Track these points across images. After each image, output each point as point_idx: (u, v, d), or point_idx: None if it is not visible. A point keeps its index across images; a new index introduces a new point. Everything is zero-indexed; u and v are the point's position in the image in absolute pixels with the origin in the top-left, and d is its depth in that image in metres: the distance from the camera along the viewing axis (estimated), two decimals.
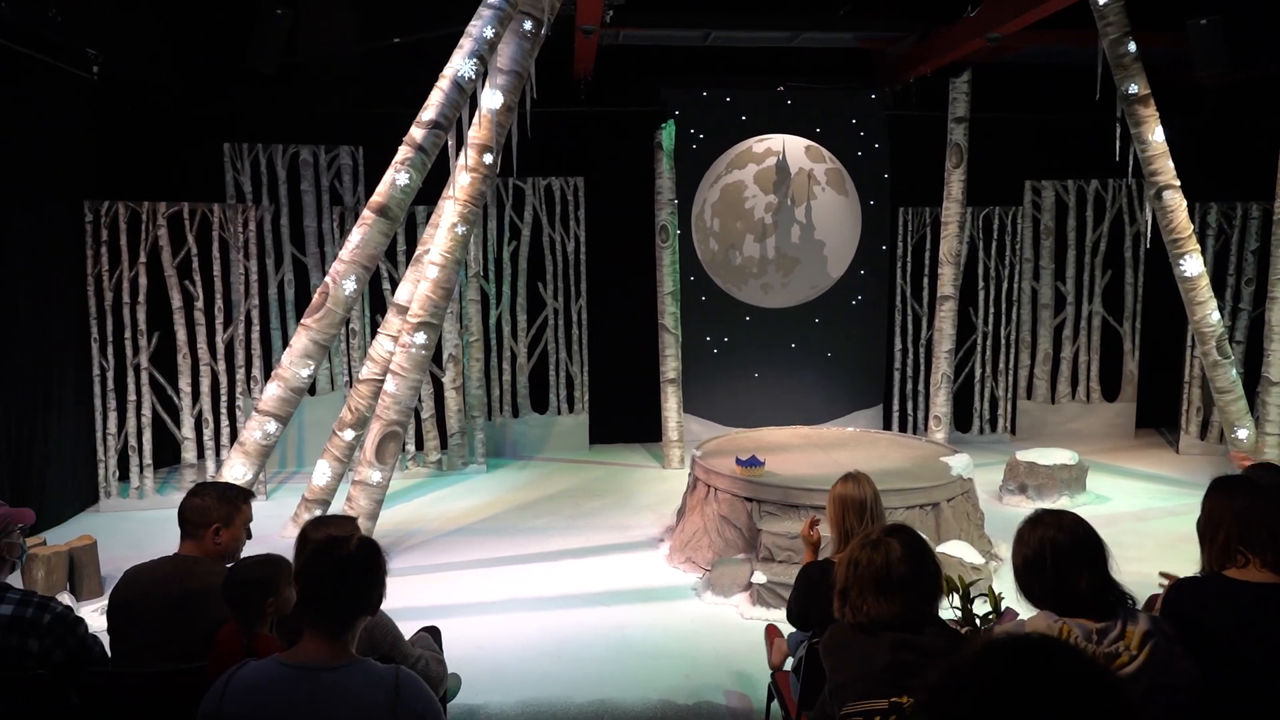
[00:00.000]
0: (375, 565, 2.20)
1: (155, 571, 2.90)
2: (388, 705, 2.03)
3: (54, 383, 6.92)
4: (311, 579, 2.14)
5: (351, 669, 2.08)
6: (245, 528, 3.06)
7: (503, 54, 5.95)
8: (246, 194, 8.24)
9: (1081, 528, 2.32)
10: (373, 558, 2.19)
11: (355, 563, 2.15)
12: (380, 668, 2.11)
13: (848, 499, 3.43)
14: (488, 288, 8.99)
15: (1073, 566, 2.25)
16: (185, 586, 2.83)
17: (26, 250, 6.64)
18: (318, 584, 2.13)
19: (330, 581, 2.12)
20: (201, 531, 2.95)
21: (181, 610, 2.79)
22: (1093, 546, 2.29)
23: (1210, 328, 7.21)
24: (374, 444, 5.91)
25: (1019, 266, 9.76)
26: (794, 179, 9.59)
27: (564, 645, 4.88)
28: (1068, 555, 2.26)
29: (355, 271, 5.62)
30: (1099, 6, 6.83)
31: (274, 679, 2.05)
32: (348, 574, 2.14)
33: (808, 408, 9.63)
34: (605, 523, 7.07)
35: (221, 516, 2.97)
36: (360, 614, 2.16)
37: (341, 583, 2.12)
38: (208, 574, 2.85)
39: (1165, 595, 2.54)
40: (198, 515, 2.96)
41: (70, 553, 5.44)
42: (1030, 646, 1.21)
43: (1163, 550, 6.28)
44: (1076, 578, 2.25)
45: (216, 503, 2.98)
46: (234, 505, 3.01)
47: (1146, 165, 7.06)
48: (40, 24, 6.09)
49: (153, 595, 2.83)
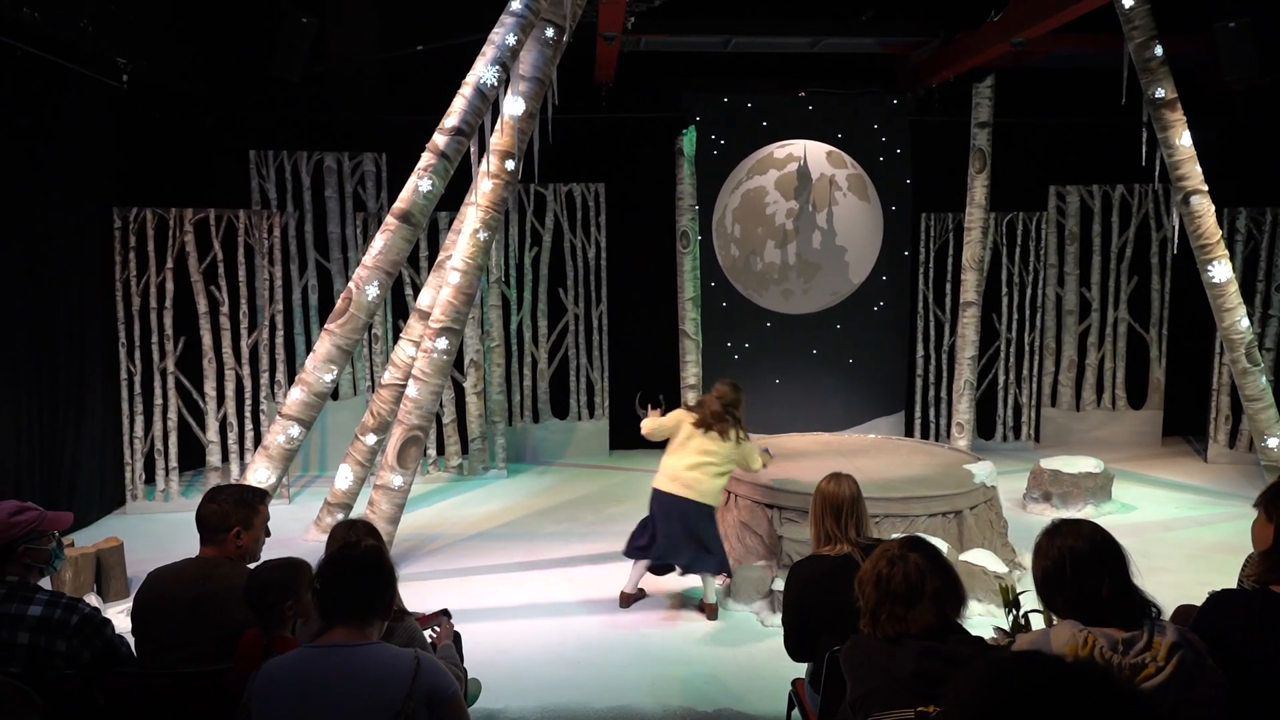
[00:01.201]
0: (385, 566, 2.41)
1: (178, 573, 2.94)
2: (408, 676, 2.16)
3: (83, 386, 7.03)
4: (333, 577, 2.33)
5: (375, 646, 2.25)
6: (264, 528, 3.09)
7: (525, 61, 5.98)
8: (271, 200, 8.34)
9: (1100, 535, 2.30)
10: (380, 559, 2.41)
11: (369, 563, 2.36)
12: (401, 649, 2.26)
13: (826, 497, 3.47)
14: (509, 293, 9.03)
15: (1093, 574, 2.23)
16: (208, 588, 2.86)
17: (58, 256, 6.75)
18: (341, 581, 2.32)
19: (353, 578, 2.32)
20: (221, 536, 2.98)
21: (203, 611, 2.82)
22: (1112, 553, 2.26)
23: (1239, 334, 7.11)
24: (395, 448, 5.94)
25: (1043, 272, 9.67)
26: (815, 185, 9.57)
27: (584, 651, 4.88)
28: (1087, 563, 2.24)
29: (378, 277, 5.66)
30: (1125, 10, 6.77)
31: (301, 658, 2.23)
32: (366, 572, 2.34)
33: (829, 414, 9.58)
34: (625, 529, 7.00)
35: (240, 520, 3.00)
36: (380, 609, 2.33)
37: (362, 579, 2.32)
38: (229, 575, 2.89)
39: (1203, 605, 2.49)
40: (217, 520, 2.99)
41: (97, 554, 5.51)
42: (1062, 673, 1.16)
43: (1191, 560, 6.18)
44: (1098, 585, 2.22)
45: (234, 507, 3.01)
46: (251, 508, 3.04)
47: (1174, 170, 6.98)
48: (72, 34, 6.20)
49: (175, 596, 2.87)
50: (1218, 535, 6.76)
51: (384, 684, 2.14)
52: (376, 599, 2.31)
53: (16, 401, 6.28)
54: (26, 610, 2.73)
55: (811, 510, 3.53)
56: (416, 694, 2.14)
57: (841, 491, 3.47)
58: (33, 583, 2.85)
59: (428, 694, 2.17)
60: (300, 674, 2.16)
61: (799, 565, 3.42)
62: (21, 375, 6.34)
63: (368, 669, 2.16)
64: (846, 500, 3.45)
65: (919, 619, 2.40)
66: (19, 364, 6.32)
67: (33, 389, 6.44)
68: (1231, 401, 8.85)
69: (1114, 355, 9.72)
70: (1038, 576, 2.34)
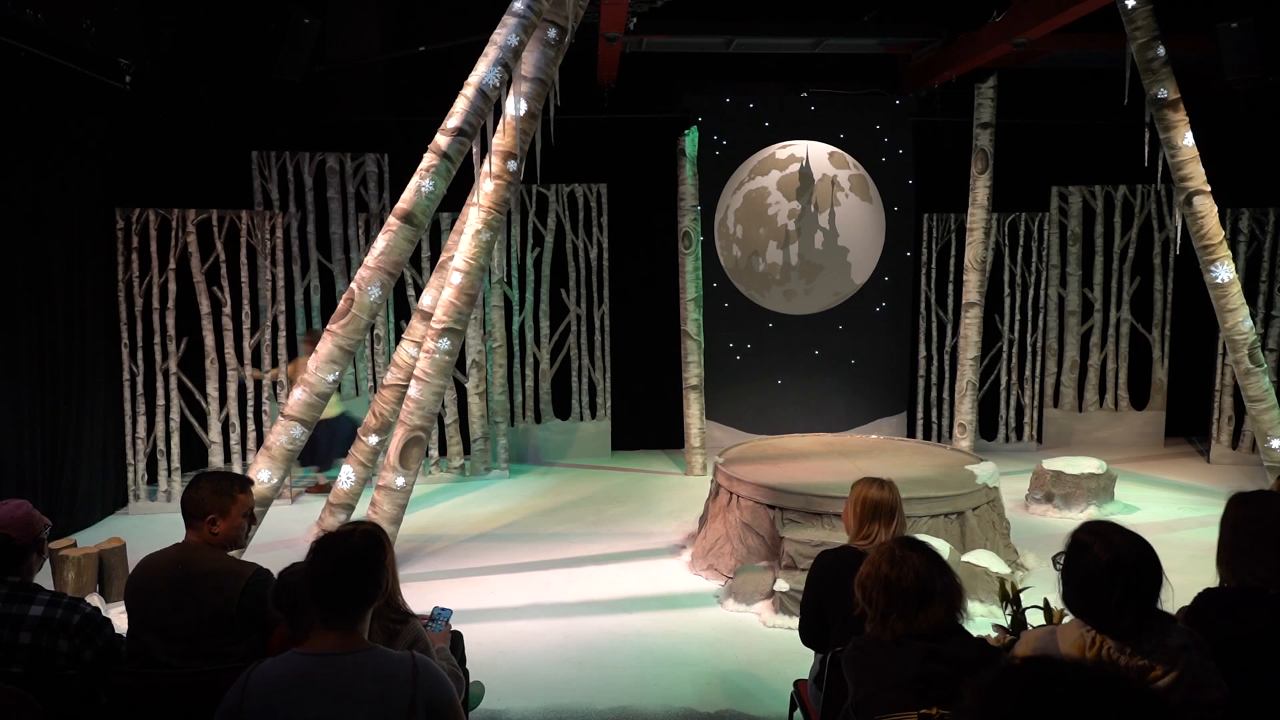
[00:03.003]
0: (378, 555, 2.25)
1: (162, 558, 2.99)
2: (409, 683, 2.10)
3: (86, 387, 7.03)
4: (318, 576, 2.19)
5: (371, 653, 2.15)
6: (244, 516, 3.09)
7: (527, 61, 5.98)
8: (274, 201, 8.34)
9: (1142, 547, 2.22)
10: (374, 548, 2.25)
11: (358, 556, 2.21)
12: (395, 653, 2.18)
13: (881, 504, 3.41)
14: (511, 294, 9.03)
15: (1128, 587, 2.16)
16: (185, 572, 2.91)
17: (61, 256, 6.76)
18: (325, 580, 2.18)
19: (337, 575, 2.18)
20: (199, 522, 3.01)
21: (181, 594, 2.87)
22: (1153, 570, 2.20)
23: (1242, 335, 7.09)
24: (398, 449, 5.94)
25: (1045, 273, 9.66)
26: (817, 185, 9.56)
27: (586, 652, 4.88)
28: (1127, 574, 2.17)
29: (380, 278, 5.66)
30: (1127, 10, 6.75)
31: (295, 669, 2.10)
32: (351, 567, 2.19)
33: (831, 415, 9.58)
34: (627, 529, 7.07)
35: (216, 508, 3.01)
36: (368, 603, 2.21)
37: (347, 576, 2.18)
38: (207, 560, 2.94)
39: (1193, 603, 2.48)
40: (193, 507, 3.02)
41: (100, 555, 5.51)
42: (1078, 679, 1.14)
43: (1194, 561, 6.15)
44: (1128, 599, 2.16)
45: (210, 495, 3.03)
46: (229, 496, 3.04)
47: (1176, 170, 6.97)
48: (75, 35, 6.21)
49: (158, 579, 2.92)
50: None
51: (386, 696, 2.07)
52: (363, 597, 2.19)
53: (19, 402, 6.28)
54: (28, 610, 2.74)
55: (856, 514, 3.45)
56: (419, 703, 2.08)
57: (885, 496, 3.42)
58: (34, 583, 2.86)
59: (428, 702, 2.11)
60: (296, 685, 2.06)
61: (826, 554, 3.40)
62: (24, 375, 6.34)
63: (366, 679, 2.08)
64: (889, 505, 3.41)
65: (931, 617, 2.39)
66: (22, 364, 6.32)
67: (35, 389, 6.45)
68: (1234, 402, 8.83)
69: (1116, 356, 9.71)
70: (1068, 574, 2.25)
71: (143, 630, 2.89)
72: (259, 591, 2.90)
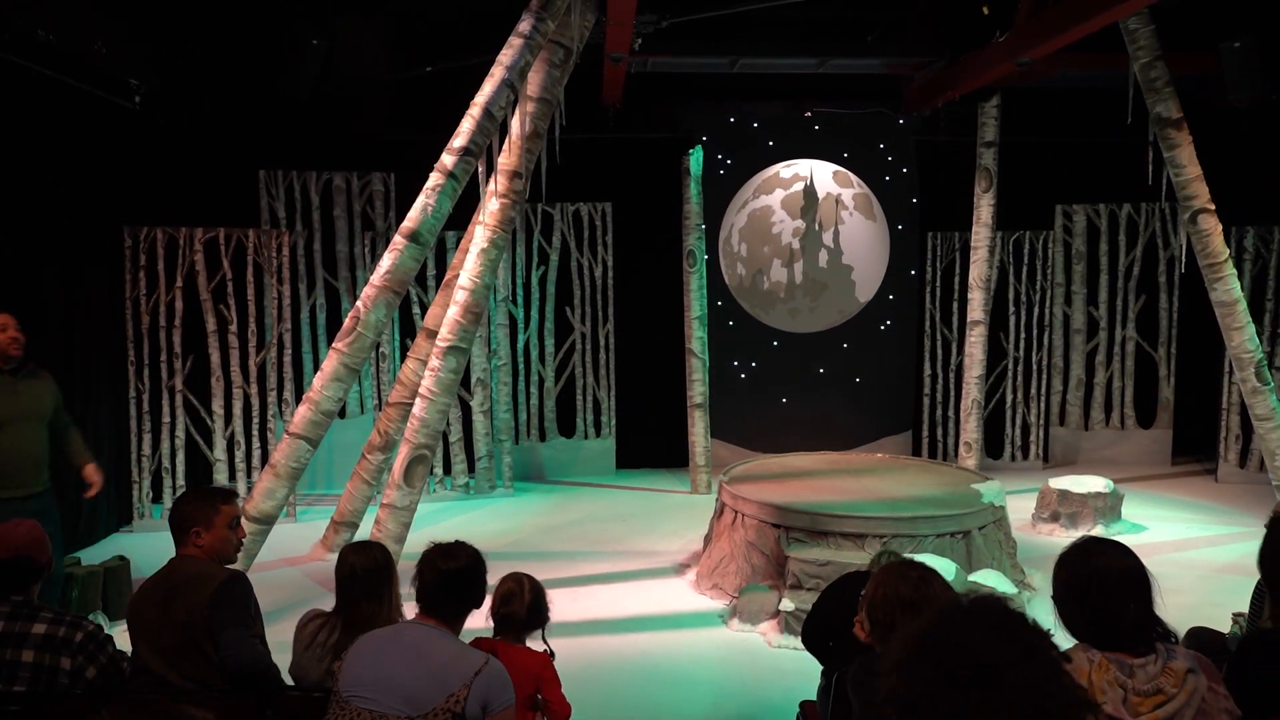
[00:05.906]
0: (481, 573, 2.75)
1: (155, 575, 3.04)
2: (470, 671, 2.41)
3: (91, 403, 7.05)
4: (429, 585, 2.64)
5: (451, 638, 2.56)
6: (229, 527, 3.09)
7: (532, 81, 6.03)
8: (280, 219, 8.39)
9: (1130, 559, 2.24)
10: (477, 566, 2.74)
11: (466, 573, 2.67)
12: (477, 651, 2.54)
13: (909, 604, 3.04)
14: (516, 312, 9.05)
15: (1120, 599, 2.17)
16: (169, 582, 2.95)
17: (68, 274, 6.79)
18: (444, 584, 2.63)
19: (443, 586, 2.63)
20: (185, 536, 3.04)
21: (164, 604, 2.90)
22: (1141, 579, 2.21)
23: (1248, 354, 7.07)
24: (402, 467, 5.94)
25: (1050, 291, 9.66)
26: (821, 204, 9.59)
27: (589, 671, 4.85)
28: (1115, 587, 2.18)
29: (386, 296, 5.69)
30: (1130, 30, 6.79)
31: (396, 627, 2.65)
32: (466, 582, 2.67)
33: (836, 433, 9.54)
34: (631, 548, 7.04)
35: (201, 520, 3.03)
36: (466, 611, 2.69)
37: (454, 587, 2.64)
38: (187, 569, 2.98)
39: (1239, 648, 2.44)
40: (178, 521, 3.06)
41: (104, 572, 5.51)
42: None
43: (1202, 581, 6.13)
44: (1122, 611, 2.16)
45: (193, 508, 3.06)
46: (211, 507, 3.07)
47: (1180, 189, 6.98)
48: (87, 55, 6.27)
49: (149, 595, 2.97)
50: (1230, 556, 6.70)
51: (450, 667, 2.41)
52: (467, 602, 2.68)
53: None
54: (30, 628, 2.74)
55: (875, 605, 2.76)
56: (475, 688, 2.37)
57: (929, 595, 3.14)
58: (36, 601, 2.86)
59: (484, 694, 2.38)
60: (391, 636, 2.54)
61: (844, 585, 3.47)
62: None
63: (443, 651, 2.47)
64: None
65: None
66: None
67: None
68: (1241, 421, 8.79)
69: (1122, 374, 9.69)
70: (1060, 593, 2.27)
71: (140, 646, 2.91)
72: (228, 598, 2.89)
